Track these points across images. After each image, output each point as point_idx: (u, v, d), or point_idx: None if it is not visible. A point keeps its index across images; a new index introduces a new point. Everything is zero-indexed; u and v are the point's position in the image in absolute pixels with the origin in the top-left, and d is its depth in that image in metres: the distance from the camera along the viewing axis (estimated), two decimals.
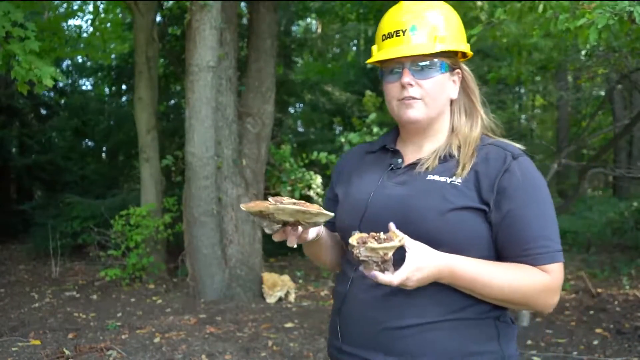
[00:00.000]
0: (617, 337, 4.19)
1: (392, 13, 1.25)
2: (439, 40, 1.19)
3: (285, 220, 1.14)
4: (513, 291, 1.11)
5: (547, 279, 1.13)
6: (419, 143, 1.28)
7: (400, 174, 1.26)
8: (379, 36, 1.26)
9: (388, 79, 1.24)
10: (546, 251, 1.14)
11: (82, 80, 12.05)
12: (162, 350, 3.99)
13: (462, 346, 1.15)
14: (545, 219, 1.16)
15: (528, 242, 1.13)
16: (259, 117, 6.20)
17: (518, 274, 1.12)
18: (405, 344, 1.16)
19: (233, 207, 5.86)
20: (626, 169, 5.90)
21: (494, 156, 1.18)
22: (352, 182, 1.33)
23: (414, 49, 1.19)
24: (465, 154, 1.19)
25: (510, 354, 1.20)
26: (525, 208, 1.14)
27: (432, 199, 1.16)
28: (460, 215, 1.14)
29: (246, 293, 5.71)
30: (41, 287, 6.30)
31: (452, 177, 1.17)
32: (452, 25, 1.23)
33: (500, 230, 1.15)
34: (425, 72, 1.20)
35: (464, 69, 1.29)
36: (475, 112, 1.28)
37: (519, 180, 1.15)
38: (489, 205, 1.15)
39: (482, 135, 1.26)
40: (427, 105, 1.22)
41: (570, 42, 3.22)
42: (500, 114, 5.96)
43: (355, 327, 1.23)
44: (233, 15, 6.04)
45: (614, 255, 7.56)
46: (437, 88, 1.22)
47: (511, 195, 1.14)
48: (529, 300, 1.13)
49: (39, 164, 9.96)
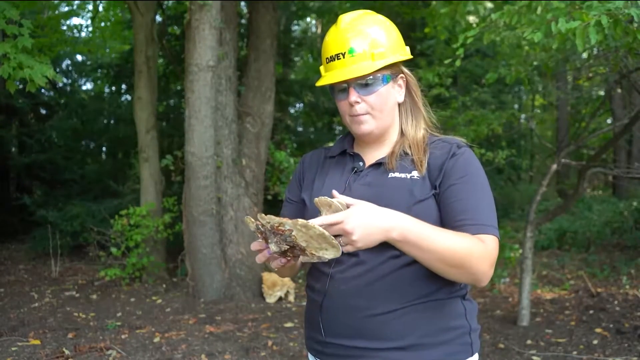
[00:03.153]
0: (616, 336, 4.19)
1: (332, 33, 1.33)
2: (378, 57, 1.28)
3: (295, 244, 1.09)
4: (453, 253, 1.17)
5: (484, 246, 1.20)
6: (374, 146, 1.39)
7: (363, 175, 1.35)
8: (323, 58, 1.35)
9: (338, 97, 1.34)
10: (479, 223, 1.22)
11: (82, 80, 12.03)
12: (161, 350, 3.99)
13: (438, 323, 1.28)
14: (481, 199, 1.26)
15: (462, 214, 1.23)
16: (258, 117, 6.19)
17: (459, 238, 1.19)
18: (388, 327, 1.25)
19: (233, 207, 5.86)
20: (626, 169, 5.90)
21: (440, 149, 1.32)
22: (317, 187, 1.40)
23: (355, 71, 1.27)
24: (418, 152, 1.31)
25: (474, 327, 1.35)
26: (463, 185, 1.25)
27: (398, 195, 1.26)
28: (423, 206, 1.25)
29: (246, 293, 5.71)
30: (41, 286, 6.30)
31: (411, 173, 1.29)
32: (389, 37, 1.32)
33: (442, 202, 1.26)
34: (369, 88, 1.30)
35: (406, 73, 1.38)
36: (419, 112, 1.39)
37: (460, 164, 1.27)
38: (436, 188, 1.27)
39: (428, 134, 1.39)
40: (375, 118, 1.32)
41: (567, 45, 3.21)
42: (500, 113, 5.94)
43: (339, 318, 1.30)
44: (232, 14, 6.04)
45: (614, 255, 7.56)
46: (382, 100, 1.31)
47: (451, 174, 1.26)
48: (471, 264, 1.18)
49: (38, 163, 9.94)
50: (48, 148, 10.26)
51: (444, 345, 1.28)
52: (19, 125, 10.66)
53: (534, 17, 3.08)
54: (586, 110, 6.06)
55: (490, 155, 6.09)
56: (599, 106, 5.35)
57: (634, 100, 5.66)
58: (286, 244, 1.10)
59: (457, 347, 1.30)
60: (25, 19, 3.93)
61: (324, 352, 1.34)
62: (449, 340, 1.29)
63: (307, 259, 1.13)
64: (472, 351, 1.33)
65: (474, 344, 1.34)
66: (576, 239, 8.44)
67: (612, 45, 3.66)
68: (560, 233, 8.55)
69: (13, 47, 3.72)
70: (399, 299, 1.25)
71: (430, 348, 1.26)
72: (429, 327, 1.27)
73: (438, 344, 1.27)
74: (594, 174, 4.88)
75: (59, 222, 7.69)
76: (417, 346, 1.26)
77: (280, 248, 1.11)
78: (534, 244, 4.82)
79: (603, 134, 6.16)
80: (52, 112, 10.72)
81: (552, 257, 7.81)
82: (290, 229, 1.08)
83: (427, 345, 1.26)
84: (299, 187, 1.49)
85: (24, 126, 10.53)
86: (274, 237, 1.11)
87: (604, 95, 5.97)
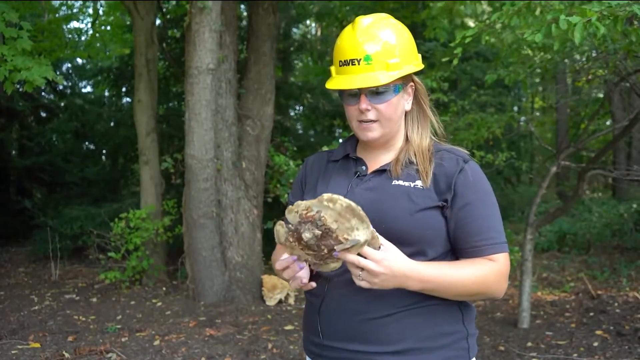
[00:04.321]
0: (617, 338, 4.19)
1: (347, 36, 1.33)
2: (392, 67, 1.29)
3: (327, 228, 1.10)
4: (470, 287, 1.24)
5: (497, 267, 1.27)
6: (378, 151, 1.40)
7: (366, 180, 1.35)
8: (336, 59, 1.35)
9: (347, 102, 1.35)
10: (495, 242, 1.28)
11: (82, 83, 12.04)
12: (161, 352, 3.99)
13: (435, 328, 1.28)
14: (493, 217, 1.30)
15: (479, 234, 1.27)
16: (258, 120, 6.20)
17: (476, 268, 1.25)
18: (386, 331, 1.26)
19: (233, 210, 5.86)
20: (625, 171, 5.90)
21: (447, 160, 1.32)
22: (320, 190, 1.39)
23: (370, 80, 1.28)
24: (424, 162, 1.32)
25: (472, 332, 1.35)
26: (476, 205, 1.29)
27: (401, 201, 1.27)
28: (426, 215, 1.27)
29: (246, 295, 5.71)
30: (41, 289, 6.30)
31: (415, 182, 1.30)
32: (404, 46, 1.33)
33: (455, 224, 1.28)
34: (381, 97, 1.30)
35: (416, 82, 1.39)
36: (426, 119, 1.41)
37: (470, 181, 1.29)
38: (446, 202, 1.28)
39: (433, 142, 1.40)
40: (382, 126, 1.33)
41: (566, 46, 3.22)
42: (499, 116, 5.95)
43: (337, 322, 1.30)
44: (232, 17, 6.05)
45: (614, 257, 7.56)
46: (392, 109, 1.33)
47: (464, 193, 1.28)
48: (489, 288, 1.27)
49: (38, 166, 9.95)
50: (48, 151, 10.27)
51: (441, 350, 1.28)
52: (19, 128, 10.67)
53: (531, 21, 3.09)
54: (585, 112, 6.07)
55: (490, 158, 6.09)
56: (599, 108, 5.35)
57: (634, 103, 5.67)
58: (318, 229, 1.11)
59: (453, 352, 1.30)
60: (25, 22, 3.94)
61: (322, 355, 1.35)
62: (445, 345, 1.29)
63: (341, 247, 1.11)
64: (469, 356, 1.34)
65: (471, 349, 1.34)
66: (576, 241, 8.43)
67: (610, 48, 3.67)
68: (560, 235, 8.54)
69: (11, 49, 3.73)
70: (396, 303, 1.26)
71: (427, 353, 1.27)
72: (426, 332, 1.27)
73: (435, 348, 1.28)
74: (593, 176, 4.89)
75: (59, 225, 7.69)
76: (413, 350, 1.26)
77: (314, 234, 1.11)
78: (534, 246, 4.82)
79: (603, 136, 6.16)
80: (53, 115, 10.74)
81: (552, 259, 7.81)
82: (319, 211, 1.10)
83: (424, 349, 1.27)
84: (301, 190, 1.50)
85: (25, 129, 10.54)
86: (304, 225, 1.12)
87: (603, 98, 5.97)
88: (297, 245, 1.16)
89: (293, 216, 1.14)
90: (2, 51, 3.68)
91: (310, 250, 1.15)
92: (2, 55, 3.69)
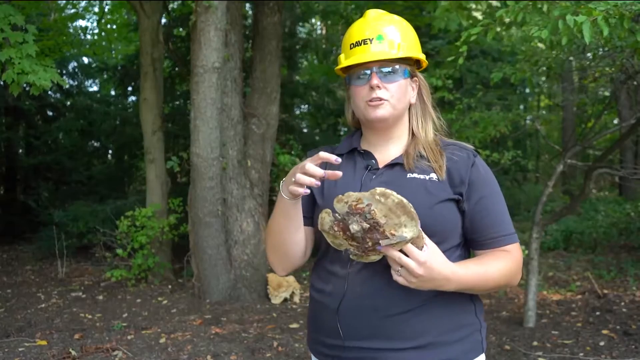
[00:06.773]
0: (623, 338, 4.17)
1: (359, 25, 1.39)
2: (401, 48, 1.34)
3: (375, 221, 1.10)
4: (503, 276, 1.29)
5: (515, 257, 1.32)
6: (384, 145, 1.40)
7: (380, 174, 1.35)
8: (346, 45, 1.39)
9: (356, 83, 1.36)
10: (509, 233, 1.33)
11: (88, 82, 12.09)
12: (167, 350, 4.01)
13: (452, 320, 1.30)
14: (503, 210, 1.35)
15: (495, 226, 1.32)
16: (264, 118, 6.20)
17: (500, 262, 1.29)
18: (408, 326, 1.26)
19: (238, 208, 5.87)
20: (632, 170, 5.87)
21: (459, 155, 1.35)
22: (327, 184, 1.37)
23: (381, 54, 1.32)
24: (435, 156, 1.34)
25: (483, 325, 1.38)
26: (490, 198, 1.33)
27: (419, 194, 1.27)
28: (444, 207, 1.28)
29: (251, 294, 5.72)
30: (47, 287, 6.33)
31: (430, 175, 1.31)
32: (410, 38, 1.39)
33: (472, 217, 1.32)
34: (390, 77, 1.34)
35: (420, 78, 1.43)
36: (428, 115, 1.43)
37: (482, 175, 1.34)
38: (462, 195, 1.30)
39: (438, 137, 1.42)
40: (392, 106, 1.34)
41: (574, 43, 3.21)
42: (505, 114, 5.93)
43: (359, 321, 1.28)
44: (238, 16, 6.05)
45: (621, 256, 7.52)
46: (401, 91, 1.35)
47: (478, 187, 1.32)
48: (512, 278, 1.32)
49: (45, 165, 10.01)
50: (55, 149, 10.33)
51: (459, 343, 1.29)
52: (26, 127, 10.73)
53: (537, 19, 3.07)
54: (592, 110, 6.03)
55: (496, 156, 6.07)
56: (605, 107, 5.32)
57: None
58: (366, 222, 1.11)
59: (470, 344, 1.32)
60: (31, 23, 3.96)
61: (341, 356, 1.31)
62: (463, 337, 1.30)
63: (387, 242, 1.11)
64: (482, 349, 1.35)
65: (483, 341, 1.36)
66: (582, 240, 8.40)
67: (617, 45, 3.64)
68: (566, 234, 8.51)
69: (18, 52, 3.76)
70: (416, 297, 1.26)
71: (447, 346, 1.28)
72: (445, 325, 1.28)
73: (453, 342, 1.29)
74: (600, 174, 4.86)
75: (65, 223, 7.73)
76: (434, 344, 1.27)
77: (362, 226, 1.11)
78: (540, 245, 4.81)
79: (609, 134, 6.13)
80: (59, 113, 10.78)
81: (558, 258, 7.78)
82: (370, 204, 1.09)
83: (443, 343, 1.28)
84: None
85: (31, 128, 10.60)
86: (352, 217, 1.12)
87: (610, 96, 5.94)
88: (341, 235, 1.16)
89: (342, 206, 1.13)
90: (9, 54, 3.70)
91: (354, 242, 1.15)
92: (10, 58, 3.72)
